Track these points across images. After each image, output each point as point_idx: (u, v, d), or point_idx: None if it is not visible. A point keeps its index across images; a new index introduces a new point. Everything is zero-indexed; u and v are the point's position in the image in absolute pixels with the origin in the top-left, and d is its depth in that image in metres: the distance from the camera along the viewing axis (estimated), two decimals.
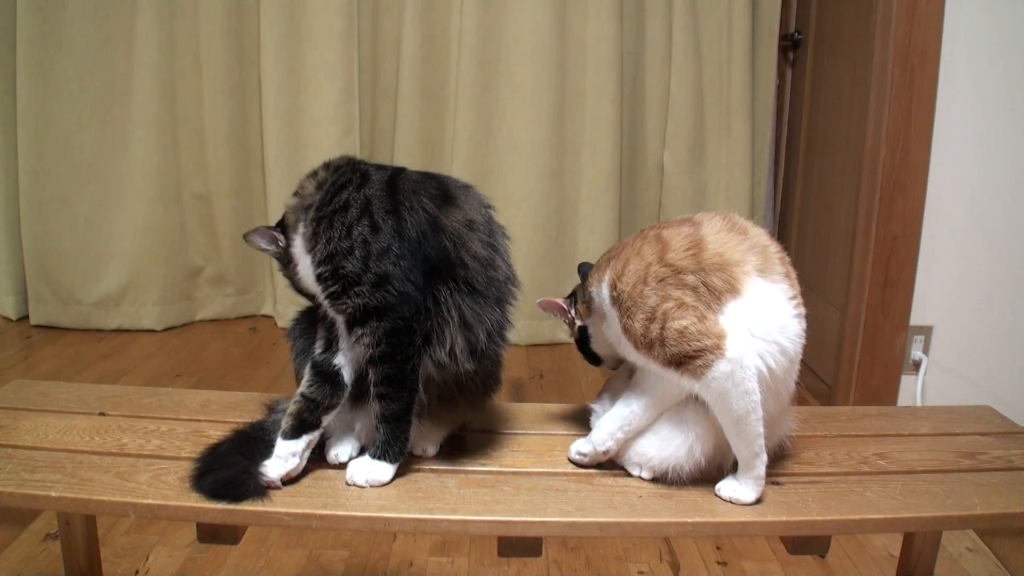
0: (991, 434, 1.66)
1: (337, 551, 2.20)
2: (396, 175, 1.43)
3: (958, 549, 2.28)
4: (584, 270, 1.56)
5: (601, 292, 1.43)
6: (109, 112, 3.67)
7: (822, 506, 1.36)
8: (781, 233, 4.05)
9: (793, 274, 1.40)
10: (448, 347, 1.38)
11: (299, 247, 1.45)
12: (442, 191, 1.42)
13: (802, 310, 1.38)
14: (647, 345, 1.33)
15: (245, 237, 1.49)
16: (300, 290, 1.52)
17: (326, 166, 1.48)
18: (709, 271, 1.32)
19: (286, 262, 1.50)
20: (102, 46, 3.62)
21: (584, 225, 3.87)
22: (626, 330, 1.36)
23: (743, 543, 2.28)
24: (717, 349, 1.27)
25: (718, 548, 2.27)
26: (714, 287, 1.32)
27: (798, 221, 3.89)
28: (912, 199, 2.86)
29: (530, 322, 3.80)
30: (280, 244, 1.48)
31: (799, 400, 1.48)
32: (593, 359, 1.57)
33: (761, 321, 1.32)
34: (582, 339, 1.55)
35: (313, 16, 3.69)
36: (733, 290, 1.32)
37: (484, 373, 1.48)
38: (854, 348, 3.02)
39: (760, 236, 1.40)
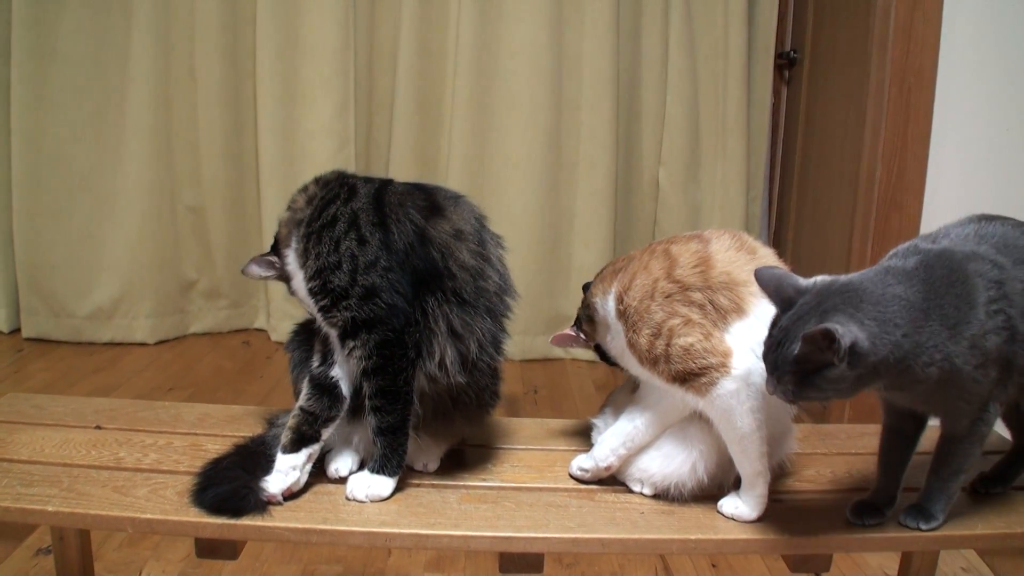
0: (990, 453, 1.66)
1: (331, 566, 2.18)
2: (383, 188, 1.44)
3: (953, 569, 2.28)
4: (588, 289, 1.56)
5: (606, 304, 1.42)
6: (103, 124, 3.66)
7: (824, 524, 1.36)
8: (776, 251, 4.05)
9: None
10: (438, 359, 1.38)
11: (292, 262, 1.45)
12: (429, 202, 1.42)
13: None
14: (652, 361, 1.33)
15: (242, 271, 1.51)
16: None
17: (316, 181, 1.49)
18: (716, 289, 1.32)
19: (288, 280, 1.50)
20: (97, 58, 3.61)
21: (579, 240, 3.87)
22: (631, 344, 1.36)
23: (739, 560, 2.27)
24: (723, 367, 1.27)
25: (713, 566, 2.26)
26: (720, 306, 1.32)
27: (793, 239, 3.89)
28: (908, 218, 2.86)
29: (524, 337, 3.79)
30: (277, 266, 1.49)
31: (794, 418, 1.48)
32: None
33: None
34: (604, 354, 1.54)
35: (309, 29, 3.69)
36: (739, 310, 1.32)
37: (478, 386, 1.48)
38: None
39: (768, 257, 1.40)
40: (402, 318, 1.35)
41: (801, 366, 1.15)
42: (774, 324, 1.21)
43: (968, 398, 1.26)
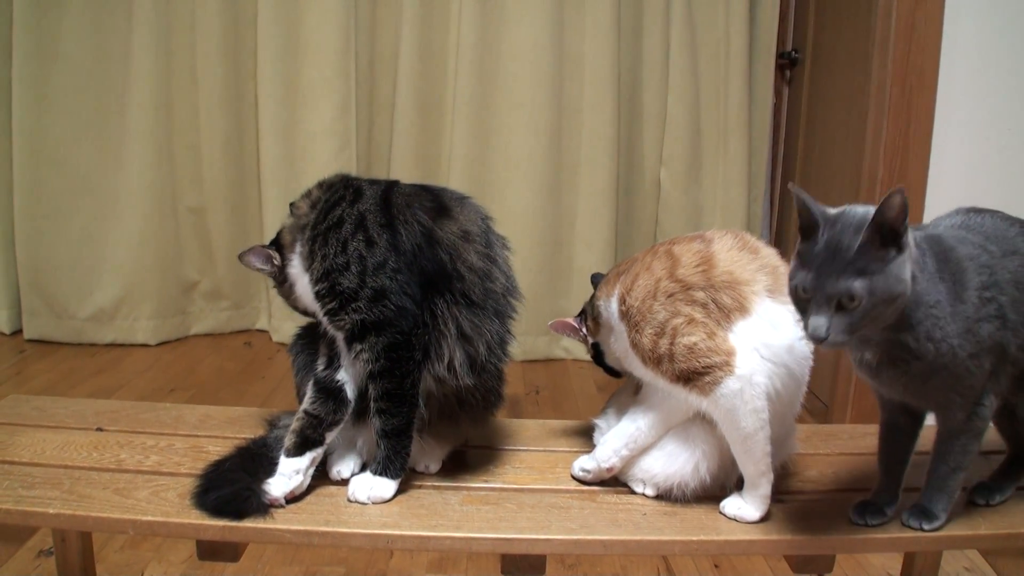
0: (992, 453, 1.65)
1: (333, 568, 2.18)
2: (389, 189, 1.43)
3: (956, 568, 2.27)
4: (596, 280, 1.56)
5: (610, 307, 1.42)
6: (104, 125, 3.66)
7: (826, 524, 1.35)
8: (778, 250, 4.04)
9: None
10: (447, 361, 1.37)
11: (297, 266, 1.45)
12: (437, 203, 1.42)
13: None
14: (655, 360, 1.32)
15: (240, 258, 1.49)
16: (298, 308, 1.52)
17: (320, 185, 1.49)
18: (719, 288, 1.32)
19: (281, 281, 1.50)
20: (98, 59, 3.61)
21: (580, 241, 3.87)
22: (634, 345, 1.36)
23: (742, 561, 2.27)
24: (726, 366, 1.27)
25: (716, 566, 2.25)
26: (723, 305, 1.31)
27: (794, 240, 3.88)
28: (909, 218, 2.85)
29: (526, 338, 3.78)
30: (275, 263, 1.49)
31: (796, 419, 1.48)
32: (612, 373, 1.57)
33: (769, 342, 1.31)
34: (597, 355, 1.55)
35: (310, 31, 3.69)
36: (742, 309, 1.31)
37: (485, 388, 1.48)
38: (851, 367, 3.01)
39: (771, 256, 1.40)
40: (410, 320, 1.34)
41: (862, 259, 1.15)
42: (805, 254, 1.23)
43: (961, 390, 1.25)
